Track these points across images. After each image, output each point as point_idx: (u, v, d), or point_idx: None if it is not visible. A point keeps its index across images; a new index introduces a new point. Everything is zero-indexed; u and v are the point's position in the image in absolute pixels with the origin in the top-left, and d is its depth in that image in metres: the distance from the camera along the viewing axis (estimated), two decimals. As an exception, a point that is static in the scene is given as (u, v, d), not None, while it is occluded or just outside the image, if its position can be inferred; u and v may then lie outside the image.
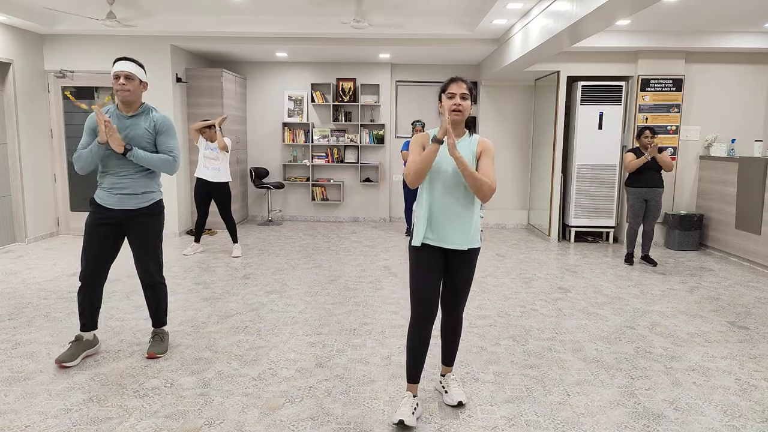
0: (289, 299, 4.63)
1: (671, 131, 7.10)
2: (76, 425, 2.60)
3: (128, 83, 3.12)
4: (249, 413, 2.74)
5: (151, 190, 3.30)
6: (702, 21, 6.02)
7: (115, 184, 3.19)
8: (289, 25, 6.65)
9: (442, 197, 2.58)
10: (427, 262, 2.61)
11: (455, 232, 2.58)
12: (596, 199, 7.24)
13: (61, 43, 7.00)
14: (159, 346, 3.43)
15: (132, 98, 3.16)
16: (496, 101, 8.44)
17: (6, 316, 4.13)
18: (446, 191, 2.58)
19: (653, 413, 2.79)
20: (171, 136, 3.27)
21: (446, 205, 2.57)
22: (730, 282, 5.40)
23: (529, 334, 3.89)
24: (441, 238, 2.59)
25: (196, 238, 6.31)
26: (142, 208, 3.25)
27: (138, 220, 3.26)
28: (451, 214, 2.58)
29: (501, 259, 6.27)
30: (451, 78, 2.62)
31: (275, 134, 8.81)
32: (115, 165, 3.18)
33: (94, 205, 3.25)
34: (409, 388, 2.72)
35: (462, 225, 2.58)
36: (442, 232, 2.59)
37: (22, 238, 6.69)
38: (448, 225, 2.58)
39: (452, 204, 2.57)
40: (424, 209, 2.62)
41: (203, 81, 7.54)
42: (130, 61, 3.15)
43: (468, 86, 2.58)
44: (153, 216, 3.33)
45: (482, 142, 2.66)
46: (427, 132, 2.65)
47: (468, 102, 2.58)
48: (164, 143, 3.25)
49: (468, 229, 2.60)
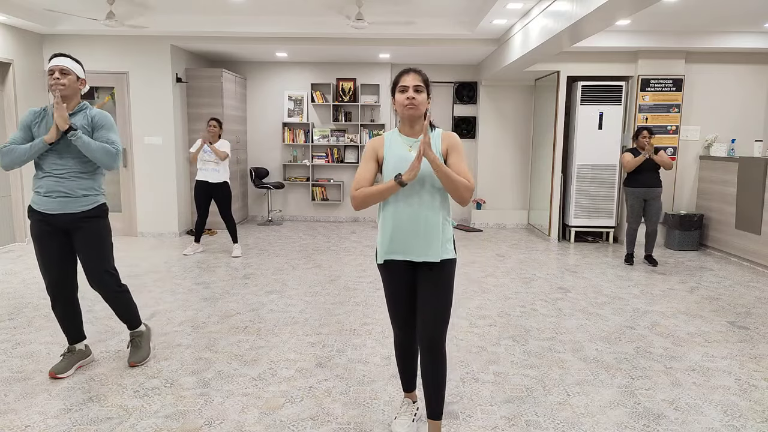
0: (289, 299, 4.63)
1: (671, 131, 7.10)
2: (76, 425, 2.60)
3: (63, 77, 2.95)
4: (249, 413, 2.74)
5: (94, 193, 3.06)
6: (702, 21, 6.02)
7: (54, 187, 2.95)
8: (289, 25, 6.65)
9: (406, 203, 2.29)
10: (396, 279, 2.38)
11: (423, 242, 2.29)
12: (596, 199, 7.24)
13: (61, 43, 7.00)
14: (137, 353, 3.29)
15: (68, 93, 2.97)
16: (496, 101, 8.44)
17: (6, 316, 4.13)
18: (410, 195, 2.29)
19: (653, 413, 2.79)
20: (111, 131, 3.04)
21: (411, 211, 2.29)
22: (730, 282, 5.40)
23: (529, 334, 3.89)
24: (407, 250, 2.32)
25: (196, 238, 6.31)
26: (85, 211, 3.02)
27: (82, 224, 3.03)
28: (416, 221, 2.29)
29: (501, 259, 6.27)
30: (402, 70, 2.36)
31: (275, 134, 8.81)
32: (54, 165, 2.95)
33: (34, 213, 3.01)
34: (407, 395, 2.68)
35: (430, 233, 2.29)
36: (408, 243, 2.31)
37: (22, 238, 6.69)
38: (414, 234, 2.29)
39: (417, 210, 2.29)
40: (385, 219, 2.34)
41: (203, 81, 7.54)
42: (65, 57, 3.00)
43: (423, 77, 2.32)
44: (98, 219, 3.08)
45: (447, 136, 2.36)
46: (383, 134, 2.40)
47: (423, 95, 2.31)
48: (104, 137, 3.01)
49: (436, 237, 2.30)
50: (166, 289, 4.86)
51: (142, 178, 7.25)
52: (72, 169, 2.98)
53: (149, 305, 4.42)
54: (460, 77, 8.64)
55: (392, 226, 2.33)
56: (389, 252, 2.35)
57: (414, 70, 2.33)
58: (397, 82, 2.34)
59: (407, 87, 2.29)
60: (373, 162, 2.36)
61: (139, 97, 7.11)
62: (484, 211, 8.51)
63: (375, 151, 2.37)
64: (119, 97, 7.16)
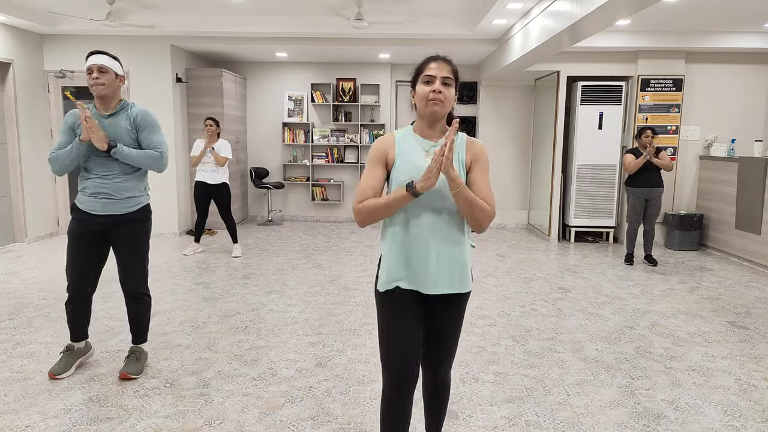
0: (289, 299, 4.63)
1: (671, 131, 7.10)
2: (76, 425, 2.60)
3: (102, 77, 2.88)
4: (249, 413, 2.74)
5: (138, 194, 3.05)
6: (702, 21, 6.02)
7: (99, 188, 2.95)
8: (289, 25, 6.65)
9: (418, 219, 1.88)
10: (401, 313, 1.93)
11: (438, 269, 1.89)
12: (596, 199, 7.24)
13: (61, 43, 7.00)
14: (134, 366, 3.13)
15: (108, 92, 2.91)
16: (496, 101, 8.44)
17: (6, 316, 4.13)
18: (424, 210, 1.88)
19: (653, 413, 2.79)
20: (154, 131, 3.01)
21: (425, 232, 1.88)
22: (730, 282, 5.40)
23: (529, 334, 3.89)
24: (418, 279, 1.91)
25: (196, 238, 6.31)
26: (128, 213, 3.01)
27: (124, 226, 3.02)
28: (431, 244, 1.88)
29: (501, 259, 6.27)
30: (428, 56, 1.92)
31: (275, 134, 8.81)
32: (99, 166, 2.95)
33: (76, 211, 3.01)
34: None
35: (448, 259, 1.90)
36: (420, 270, 1.90)
37: (22, 238, 6.69)
38: (428, 260, 1.88)
39: (433, 228, 1.88)
40: (392, 239, 1.92)
41: (203, 81, 7.54)
42: (103, 54, 2.91)
43: (453, 68, 1.91)
44: (140, 222, 3.07)
45: (472, 144, 1.94)
46: (393, 133, 1.96)
47: (452, 91, 1.89)
48: (148, 139, 2.99)
49: (456, 264, 1.91)
50: (166, 289, 4.86)
51: (142, 178, 7.24)
52: (116, 170, 2.97)
53: (149, 305, 4.41)
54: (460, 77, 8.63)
55: (400, 248, 1.91)
56: (395, 279, 1.93)
57: (443, 58, 1.92)
58: (420, 70, 1.91)
59: (434, 78, 1.86)
60: (380, 167, 1.91)
61: (139, 97, 7.10)
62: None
63: (384, 153, 1.92)
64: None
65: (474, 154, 1.93)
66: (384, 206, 1.83)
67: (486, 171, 1.93)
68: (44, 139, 7.06)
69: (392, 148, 1.93)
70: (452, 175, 1.75)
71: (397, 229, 1.92)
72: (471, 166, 1.92)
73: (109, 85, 2.91)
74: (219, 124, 6.15)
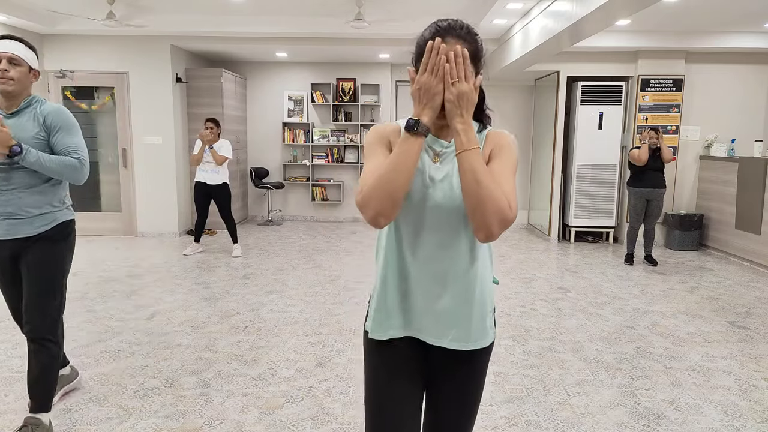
0: (289, 299, 4.63)
1: (671, 131, 7.10)
2: (76, 425, 2.60)
3: (12, 69, 2.32)
4: (249, 413, 2.74)
5: (53, 209, 2.44)
6: (702, 21, 6.02)
7: (1, 208, 2.34)
8: (289, 25, 6.65)
9: (423, 247, 1.40)
10: (394, 367, 1.46)
11: (446, 314, 1.41)
12: (596, 199, 7.24)
13: (61, 43, 7.00)
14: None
15: (17, 89, 2.34)
16: (496, 101, 8.43)
17: (6, 316, 4.13)
18: (431, 233, 1.39)
19: (653, 413, 2.79)
20: (71, 133, 2.40)
21: (429, 262, 1.40)
22: (730, 282, 5.40)
23: (529, 334, 3.89)
24: (420, 325, 1.44)
25: (196, 238, 6.31)
26: (41, 233, 2.40)
27: (32, 247, 2.40)
28: (440, 278, 1.40)
29: (501, 259, 6.27)
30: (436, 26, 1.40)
31: (275, 134, 8.81)
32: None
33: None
34: None
35: (461, 300, 1.41)
36: (424, 314, 1.43)
37: (22, 238, 6.68)
38: (435, 300, 1.41)
39: (442, 259, 1.40)
40: (387, 269, 1.44)
41: (203, 81, 7.54)
42: (18, 42, 2.36)
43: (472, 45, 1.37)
44: (53, 242, 2.43)
45: (494, 136, 1.47)
46: (395, 122, 1.47)
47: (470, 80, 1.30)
48: (62, 143, 2.36)
49: (471, 307, 1.42)
50: (166, 289, 4.87)
51: (142, 178, 7.25)
52: (20, 183, 2.34)
53: (149, 305, 4.42)
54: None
55: (398, 282, 1.43)
56: (389, 324, 1.45)
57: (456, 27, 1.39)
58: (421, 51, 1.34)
59: None
60: (386, 150, 1.41)
61: (139, 97, 7.11)
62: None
63: (386, 138, 1.43)
64: (119, 97, 7.16)
65: (495, 144, 1.44)
66: (391, 169, 1.28)
67: (508, 162, 1.39)
68: (44, 139, 7.04)
69: (395, 134, 1.43)
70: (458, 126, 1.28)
71: (393, 258, 1.43)
72: (490, 156, 1.42)
73: (19, 80, 2.34)
74: (219, 125, 6.15)
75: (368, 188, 1.29)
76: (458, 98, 1.28)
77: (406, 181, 1.29)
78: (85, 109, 7.20)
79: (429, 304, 1.42)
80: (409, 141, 1.29)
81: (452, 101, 1.29)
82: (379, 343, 1.47)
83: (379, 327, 1.46)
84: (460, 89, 1.28)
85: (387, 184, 1.28)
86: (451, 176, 1.38)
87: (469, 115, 1.30)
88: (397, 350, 1.46)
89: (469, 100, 1.29)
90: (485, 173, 1.27)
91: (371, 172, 1.32)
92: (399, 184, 1.28)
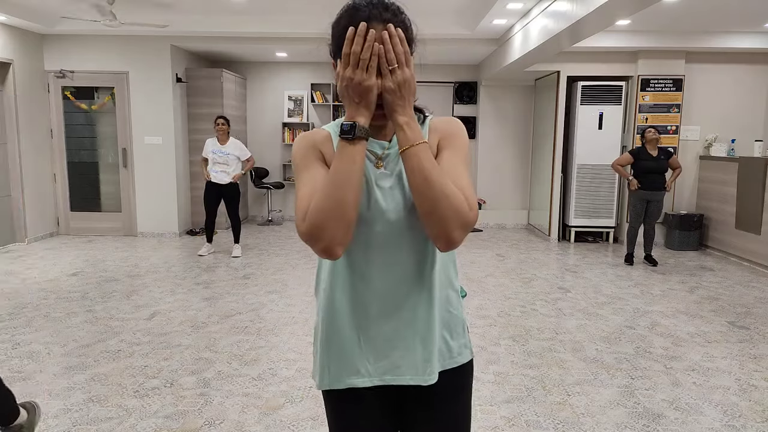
0: (289, 299, 4.63)
1: (671, 131, 7.10)
2: (76, 425, 2.60)
3: None
4: (249, 413, 2.74)
5: None
6: (702, 21, 6.02)
7: None
8: (289, 25, 6.65)
9: (375, 271, 1.21)
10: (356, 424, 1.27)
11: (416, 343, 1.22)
12: (596, 199, 7.24)
13: (61, 43, 7.00)
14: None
15: None
16: (496, 101, 8.44)
17: (6, 316, 4.13)
18: (381, 256, 1.20)
19: (653, 413, 2.79)
20: None
21: (385, 283, 1.20)
22: (730, 282, 5.40)
23: (529, 334, 3.89)
24: (382, 366, 1.22)
25: (208, 238, 6.33)
26: None
27: None
28: (398, 303, 1.21)
29: (501, 259, 6.27)
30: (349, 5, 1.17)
31: (275, 134, 8.81)
32: None
33: None
34: None
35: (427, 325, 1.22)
36: (384, 350, 1.22)
37: (22, 238, 6.69)
38: (395, 332, 1.21)
39: (398, 282, 1.21)
40: (331, 302, 1.24)
41: (203, 81, 7.54)
42: None
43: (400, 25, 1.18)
44: None
45: (439, 123, 1.26)
46: (324, 128, 1.27)
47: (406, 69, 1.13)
48: None
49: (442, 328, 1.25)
50: (166, 289, 4.87)
51: (142, 178, 7.25)
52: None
53: (149, 305, 4.42)
54: (460, 77, 8.63)
55: (346, 319, 1.22)
56: (343, 371, 1.23)
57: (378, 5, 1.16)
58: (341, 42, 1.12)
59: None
60: (320, 165, 1.20)
61: (139, 97, 7.11)
62: (484, 211, 8.51)
63: (316, 149, 1.22)
64: (119, 97, 7.16)
65: (441, 133, 1.24)
66: (336, 186, 1.09)
67: (460, 153, 1.21)
68: (44, 139, 7.05)
69: (327, 143, 1.22)
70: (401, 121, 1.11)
71: (339, 286, 1.22)
72: (438, 148, 1.22)
73: None
74: (230, 123, 6.16)
75: (314, 214, 1.09)
76: (400, 87, 1.11)
77: (356, 198, 1.10)
78: (85, 109, 7.20)
79: (392, 338, 1.20)
80: (348, 149, 1.10)
81: (393, 91, 1.10)
82: (336, 395, 1.24)
83: (328, 379, 1.24)
84: (403, 76, 1.10)
85: (336, 206, 1.08)
86: (400, 180, 1.19)
87: (411, 106, 1.13)
88: (360, 401, 1.24)
89: (411, 88, 1.12)
90: (436, 170, 1.10)
91: (309, 195, 1.13)
92: (349, 203, 1.09)
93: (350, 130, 1.10)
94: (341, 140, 1.11)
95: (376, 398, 1.25)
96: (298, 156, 1.21)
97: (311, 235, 1.09)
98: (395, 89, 1.11)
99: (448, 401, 1.27)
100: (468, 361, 1.30)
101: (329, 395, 1.27)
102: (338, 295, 1.22)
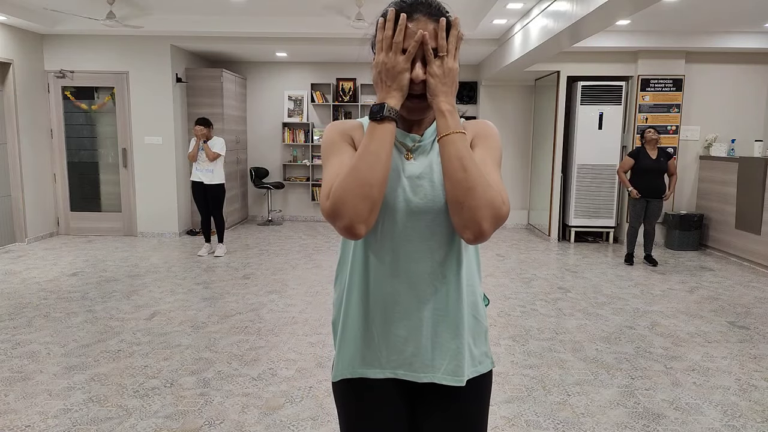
0: (289, 299, 4.63)
1: (671, 131, 7.10)
2: (76, 425, 2.60)
3: None
4: (249, 413, 2.74)
5: None
6: (702, 21, 6.02)
7: None
8: (289, 25, 6.65)
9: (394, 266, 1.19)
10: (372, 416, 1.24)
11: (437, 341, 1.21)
12: (596, 199, 7.24)
13: (61, 43, 7.00)
14: None
15: None
16: (496, 101, 8.44)
17: (6, 316, 4.13)
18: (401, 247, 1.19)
19: (653, 413, 2.79)
20: None
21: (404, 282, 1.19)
22: (730, 282, 5.40)
23: (529, 334, 3.89)
24: (399, 360, 1.21)
25: (206, 238, 6.34)
26: None
27: None
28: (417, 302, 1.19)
29: (501, 259, 6.28)
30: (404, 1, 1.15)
31: (275, 134, 8.81)
32: None
33: None
34: None
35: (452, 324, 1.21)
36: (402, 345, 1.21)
37: (22, 238, 6.69)
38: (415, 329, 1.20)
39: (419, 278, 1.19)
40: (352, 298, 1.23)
41: (203, 81, 7.54)
42: None
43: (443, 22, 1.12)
44: None
45: (474, 124, 1.25)
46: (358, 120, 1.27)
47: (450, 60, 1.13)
48: None
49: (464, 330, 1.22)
50: (166, 289, 4.87)
51: (142, 178, 7.25)
52: None
53: (149, 305, 4.42)
54: (460, 77, 8.58)
55: (365, 311, 1.22)
56: (361, 362, 1.23)
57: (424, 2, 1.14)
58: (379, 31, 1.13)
59: None
60: (351, 150, 1.20)
61: (139, 97, 7.11)
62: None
63: (348, 135, 1.23)
64: (119, 97, 7.16)
65: (476, 132, 1.23)
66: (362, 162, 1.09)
67: (492, 152, 1.20)
68: (44, 139, 7.06)
69: (358, 130, 1.24)
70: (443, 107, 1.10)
71: (357, 284, 1.21)
72: (471, 144, 1.21)
73: None
74: (209, 125, 5.99)
75: (338, 191, 1.08)
76: (446, 74, 1.11)
77: (384, 176, 1.09)
78: (85, 109, 7.20)
79: (411, 335, 1.20)
80: (377, 129, 1.10)
81: (438, 76, 1.10)
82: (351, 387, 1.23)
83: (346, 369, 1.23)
84: (451, 65, 1.11)
85: (361, 183, 1.07)
86: (430, 173, 1.18)
87: (454, 96, 1.12)
88: (377, 392, 1.22)
89: (455, 80, 1.12)
90: (473, 159, 1.09)
91: (336, 175, 1.12)
92: (375, 180, 1.08)
93: (379, 110, 1.10)
94: (370, 122, 1.12)
95: (390, 390, 1.24)
96: (329, 141, 1.22)
97: (332, 211, 1.08)
98: (441, 75, 1.11)
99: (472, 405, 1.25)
100: (488, 371, 1.28)
101: (340, 386, 1.26)
102: (353, 284, 1.22)
